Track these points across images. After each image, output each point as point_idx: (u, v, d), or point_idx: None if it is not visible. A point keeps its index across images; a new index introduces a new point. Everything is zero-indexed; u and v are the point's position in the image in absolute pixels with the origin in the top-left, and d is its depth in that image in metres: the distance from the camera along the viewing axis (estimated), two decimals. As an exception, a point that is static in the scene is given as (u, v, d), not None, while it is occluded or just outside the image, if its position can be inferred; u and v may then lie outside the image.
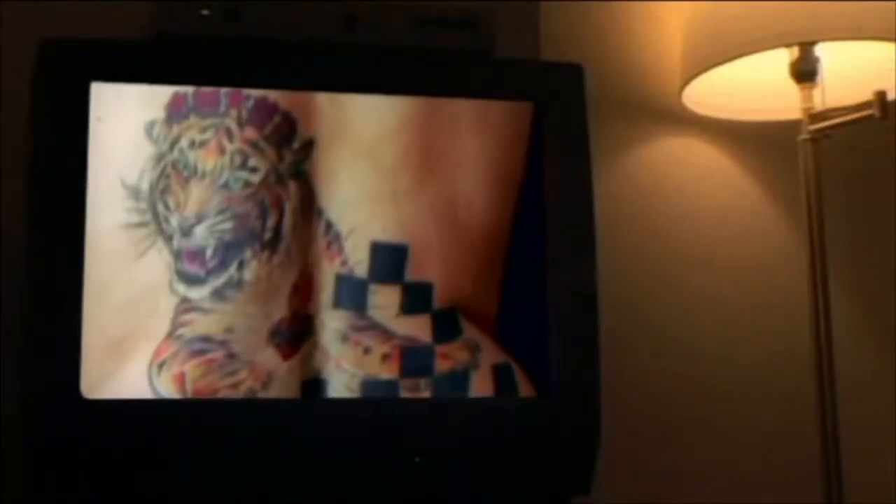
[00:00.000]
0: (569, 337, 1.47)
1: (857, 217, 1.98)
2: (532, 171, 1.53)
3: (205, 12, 1.46)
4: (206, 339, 1.43)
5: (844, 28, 1.68)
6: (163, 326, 1.42)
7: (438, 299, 1.50)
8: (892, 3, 1.68)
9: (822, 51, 1.74)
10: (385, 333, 1.48)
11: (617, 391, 1.56)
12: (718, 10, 1.74)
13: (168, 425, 1.38)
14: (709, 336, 1.88)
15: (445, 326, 1.50)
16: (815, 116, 1.74)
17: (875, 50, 1.75)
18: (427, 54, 1.52)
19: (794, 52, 1.74)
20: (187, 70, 1.45)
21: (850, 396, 1.75)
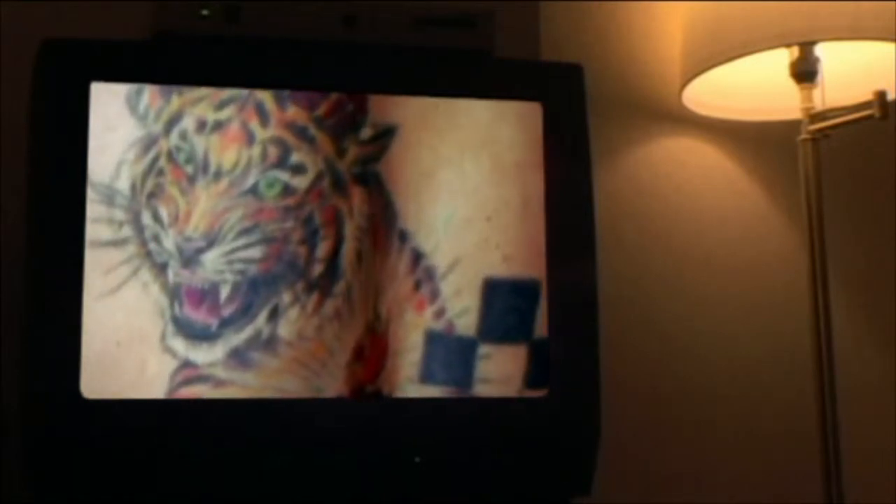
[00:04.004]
0: (569, 337, 1.47)
1: (857, 217, 1.98)
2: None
3: (205, 12, 1.46)
4: None
5: (844, 28, 1.68)
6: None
7: None
8: (892, 3, 1.68)
9: (822, 51, 1.74)
10: None
11: (617, 391, 1.56)
12: (718, 10, 1.74)
13: (168, 425, 1.38)
14: (709, 336, 1.88)
15: None
16: (815, 116, 1.74)
17: (875, 50, 1.75)
18: (427, 54, 1.52)
19: (794, 52, 1.75)
20: (187, 70, 1.44)
21: (850, 396, 1.75)
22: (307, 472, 1.40)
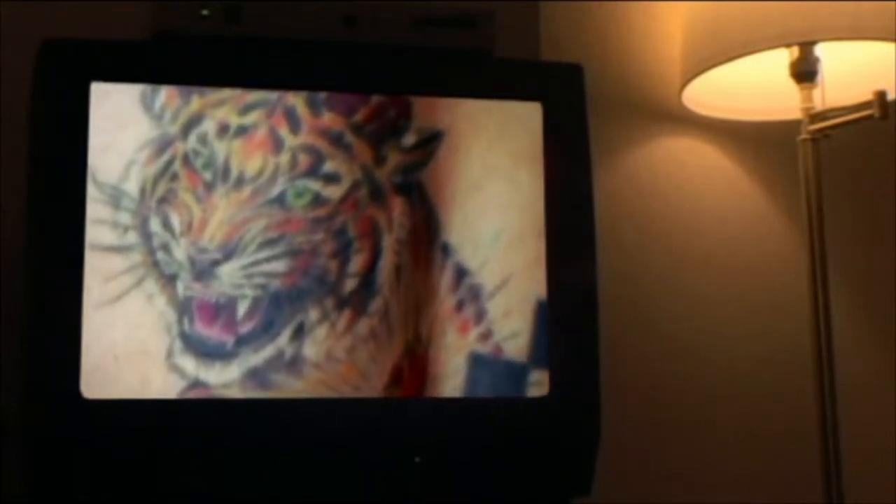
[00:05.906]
0: (569, 337, 1.47)
1: (857, 217, 1.98)
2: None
3: (205, 12, 1.46)
4: None
5: (844, 28, 1.68)
6: None
7: None
8: (892, 3, 1.68)
9: (822, 51, 1.74)
10: None
11: (617, 391, 1.56)
12: (718, 10, 1.74)
13: (168, 425, 1.38)
14: (709, 336, 1.88)
15: None
16: (815, 116, 1.74)
17: (875, 50, 1.75)
18: (427, 54, 1.52)
19: (794, 52, 1.74)
20: (187, 70, 1.44)
21: (850, 396, 1.75)
22: (308, 472, 1.40)
